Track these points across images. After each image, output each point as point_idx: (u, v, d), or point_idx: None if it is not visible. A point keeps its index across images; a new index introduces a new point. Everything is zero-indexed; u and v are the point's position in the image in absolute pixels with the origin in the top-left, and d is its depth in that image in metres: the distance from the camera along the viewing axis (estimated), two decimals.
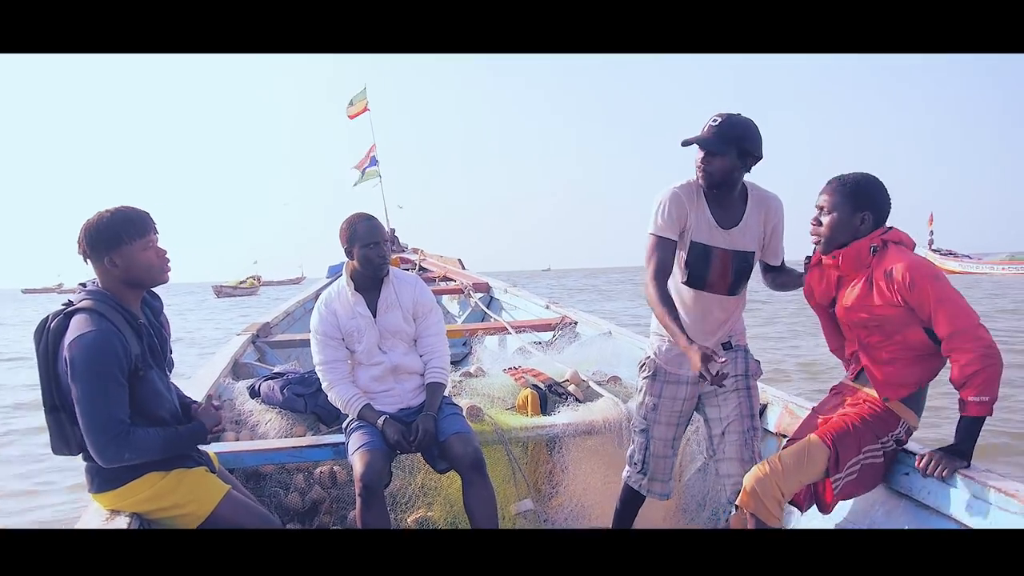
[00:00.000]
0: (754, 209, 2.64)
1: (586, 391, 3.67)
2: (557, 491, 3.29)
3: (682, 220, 2.59)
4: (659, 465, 2.82)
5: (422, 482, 3.22)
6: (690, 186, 2.62)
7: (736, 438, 2.68)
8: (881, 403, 2.44)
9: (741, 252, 2.64)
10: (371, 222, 2.96)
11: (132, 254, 2.22)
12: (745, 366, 2.75)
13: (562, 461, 3.30)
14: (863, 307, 2.38)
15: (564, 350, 4.54)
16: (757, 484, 2.37)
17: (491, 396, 3.64)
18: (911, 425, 2.46)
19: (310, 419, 3.56)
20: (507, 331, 5.47)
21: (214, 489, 2.35)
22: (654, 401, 2.78)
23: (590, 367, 4.02)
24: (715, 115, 2.54)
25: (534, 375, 3.82)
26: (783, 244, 2.75)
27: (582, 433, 3.30)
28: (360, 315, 2.97)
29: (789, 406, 3.16)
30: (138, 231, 2.23)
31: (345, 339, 2.98)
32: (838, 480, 2.36)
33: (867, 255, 2.36)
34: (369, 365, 2.98)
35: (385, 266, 2.97)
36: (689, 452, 3.46)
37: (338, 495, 3.35)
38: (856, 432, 2.40)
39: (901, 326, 2.34)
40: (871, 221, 2.39)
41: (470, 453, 2.75)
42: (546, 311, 6.12)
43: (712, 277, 2.63)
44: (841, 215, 2.39)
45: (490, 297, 7.52)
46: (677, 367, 2.74)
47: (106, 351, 2.10)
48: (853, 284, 2.41)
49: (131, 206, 2.29)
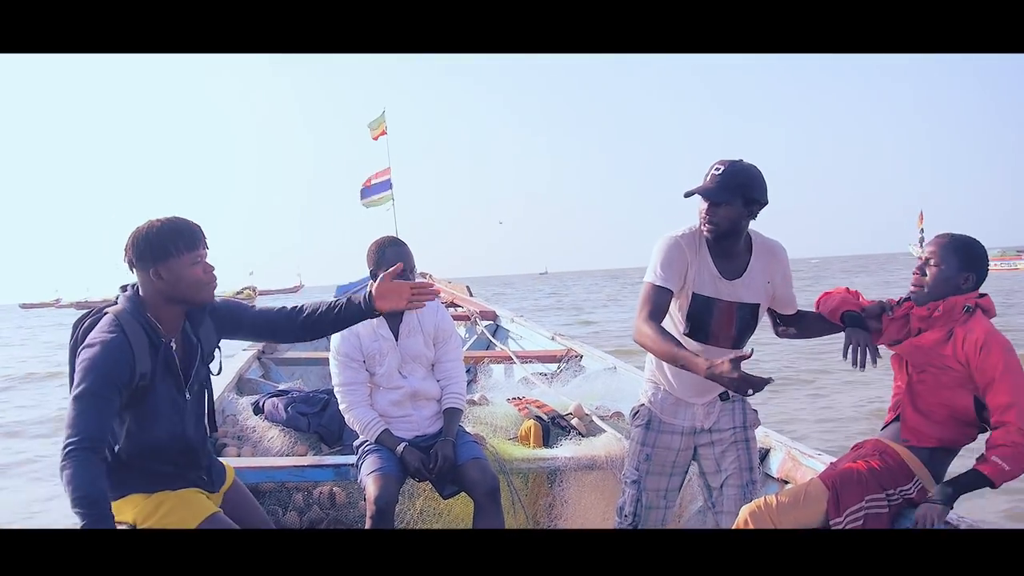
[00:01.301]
0: (759, 259, 2.56)
1: (589, 425, 3.66)
2: (556, 524, 3.28)
3: (683, 271, 2.50)
4: (652, 517, 2.67)
5: (421, 508, 3.21)
6: (692, 235, 2.53)
7: (735, 492, 2.58)
8: (898, 457, 2.39)
9: (747, 304, 2.55)
10: (400, 248, 2.95)
11: (179, 268, 2.15)
12: (743, 417, 2.64)
13: (562, 495, 3.29)
14: (932, 349, 2.37)
15: (568, 383, 4.54)
16: (751, 517, 2.32)
17: (494, 425, 3.63)
18: (925, 487, 2.37)
19: (312, 438, 3.57)
20: (512, 360, 5.47)
21: (195, 511, 2.23)
22: (647, 452, 2.65)
23: (594, 401, 4.01)
24: (716, 163, 2.46)
25: (538, 406, 3.82)
26: (793, 291, 2.67)
27: (583, 467, 3.29)
28: (383, 338, 2.96)
29: (792, 451, 3.14)
30: (188, 244, 2.16)
31: (366, 361, 2.97)
32: (836, 524, 2.28)
33: (960, 313, 2.36)
34: (388, 389, 2.97)
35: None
36: (690, 492, 3.44)
37: (336, 516, 3.34)
38: (861, 479, 2.33)
39: (954, 384, 2.34)
40: (973, 282, 2.41)
41: (488, 480, 2.77)
42: (552, 342, 6.12)
43: (715, 329, 2.54)
44: (948, 271, 2.39)
45: (496, 325, 7.53)
46: (672, 416, 2.64)
47: (104, 366, 2.04)
48: (935, 331, 2.39)
49: (183, 217, 2.21)
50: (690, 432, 2.64)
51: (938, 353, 2.36)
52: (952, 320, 2.37)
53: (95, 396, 2.02)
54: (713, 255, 2.52)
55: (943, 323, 2.39)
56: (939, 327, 2.39)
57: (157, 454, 2.21)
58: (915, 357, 2.42)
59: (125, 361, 2.08)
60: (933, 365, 2.37)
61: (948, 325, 2.38)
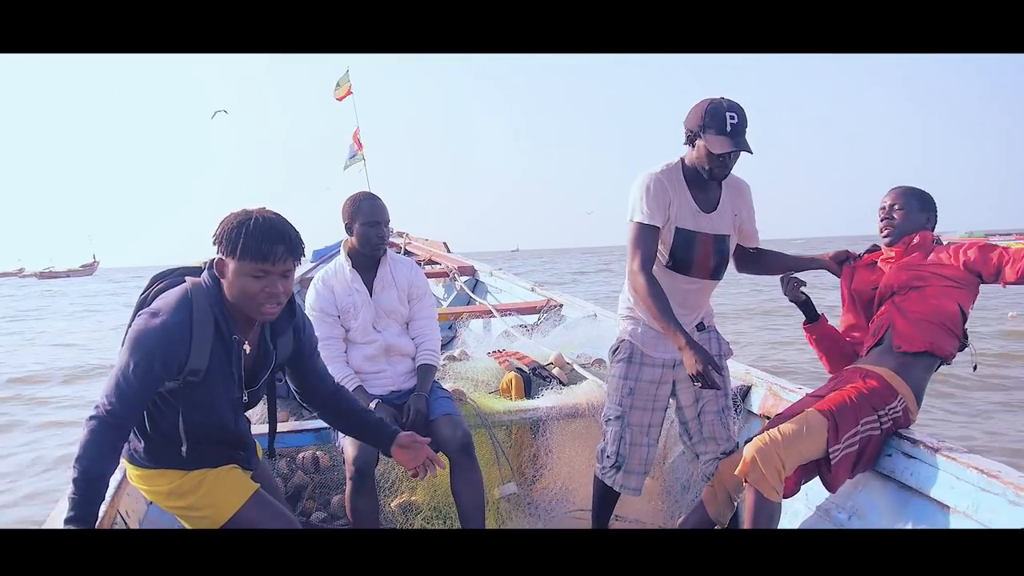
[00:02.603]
0: (728, 193, 2.64)
1: (570, 374, 3.65)
2: (541, 474, 3.28)
3: (666, 206, 2.55)
4: (635, 455, 2.70)
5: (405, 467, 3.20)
6: (671, 171, 2.59)
7: (712, 418, 2.69)
8: (881, 378, 2.48)
9: (722, 236, 2.64)
10: (375, 202, 2.96)
11: (240, 272, 1.95)
12: (719, 347, 2.76)
13: (546, 444, 3.28)
14: (913, 267, 2.59)
15: (549, 333, 4.52)
16: (758, 454, 2.35)
17: (475, 380, 3.62)
18: (908, 406, 2.48)
19: (293, 404, 3.53)
20: (492, 314, 5.44)
21: (238, 491, 2.14)
22: (631, 385, 2.69)
23: (575, 350, 4.00)
24: (729, 112, 2.45)
25: (518, 358, 3.81)
26: (756, 226, 2.77)
27: (566, 416, 3.29)
28: (357, 291, 2.99)
29: (773, 387, 3.15)
30: (259, 253, 1.93)
31: (341, 316, 2.99)
32: (836, 451, 2.35)
33: (931, 243, 2.64)
34: (363, 343, 2.99)
35: (382, 247, 3.00)
36: (674, 434, 3.46)
37: (321, 480, 3.33)
38: (853, 405, 2.42)
39: (940, 293, 2.53)
40: (934, 221, 2.71)
41: (459, 436, 2.74)
42: (531, 294, 6.10)
43: (697, 262, 2.60)
44: (911, 212, 2.68)
45: (475, 280, 7.49)
46: (654, 349, 2.69)
47: (156, 349, 1.90)
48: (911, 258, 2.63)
49: (286, 224, 1.99)
50: (670, 364, 2.70)
51: (918, 266, 2.58)
52: (925, 248, 2.63)
53: (138, 376, 1.89)
54: (692, 190, 2.58)
55: (921, 251, 2.62)
56: (918, 254, 2.62)
57: (202, 439, 2.10)
58: (900, 277, 2.59)
59: (179, 351, 1.94)
60: (920, 278, 2.56)
61: (923, 253, 2.63)
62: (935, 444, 2.38)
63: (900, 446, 2.47)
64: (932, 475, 2.33)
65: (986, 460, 2.24)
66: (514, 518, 3.17)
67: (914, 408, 2.51)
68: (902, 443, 2.47)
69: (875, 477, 2.56)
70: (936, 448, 2.35)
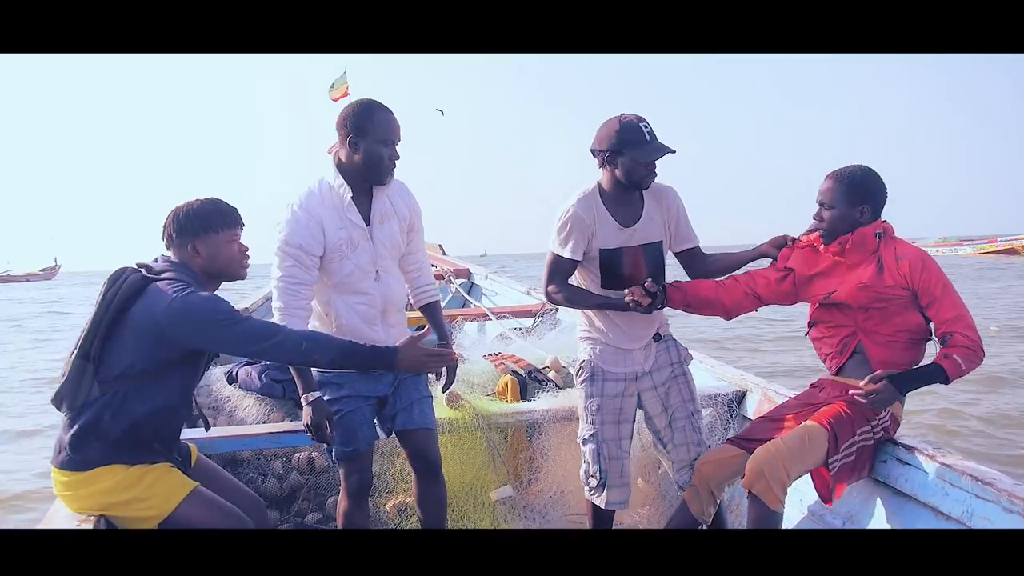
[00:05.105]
0: (651, 202, 2.68)
1: (566, 377, 3.65)
2: (537, 477, 3.28)
3: (586, 239, 2.63)
4: (614, 468, 2.71)
5: (401, 468, 3.20)
6: (587, 199, 2.64)
7: (683, 423, 2.72)
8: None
9: (651, 243, 2.67)
10: (391, 115, 2.36)
11: (217, 244, 2.26)
12: (678, 353, 2.80)
13: (542, 447, 3.29)
14: (871, 287, 2.46)
15: (544, 336, 4.53)
16: (766, 466, 2.35)
17: (471, 382, 3.62)
18: (895, 412, 2.51)
19: (288, 405, 3.53)
20: (487, 317, 5.45)
21: (178, 486, 2.23)
22: (597, 402, 2.73)
23: (570, 353, 4.00)
24: (641, 123, 2.52)
25: (514, 361, 3.81)
26: (692, 228, 2.78)
27: (562, 419, 3.29)
28: (352, 224, 2.39)
29: (768, 393, 3.17)
30: (226, 222, 2.27)
31: (326, 257, 2.37)
32: (835, 461, 2.37)
33: (872, 241, 2.48)
34: (355, 294, 2.43)
35: (392, 175, 2.42)
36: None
37: (316, 482, 3.32)
38: (849, 417, 2.44)
39: (902, 309, 2.46)
40: (870, 212, 2.50)
41: (432, 457, 2.56)
42: (527, 297, 6.10)
43: (627, 274, 2.64)
44: (841, 210, 2.50)
45: (470, 283, 7.49)
46: (614, 365, 2.73)
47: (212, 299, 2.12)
48: (862, 267, 2.49)
49: (222, 199, 2.32)
50: (632, 378, 2.74)
51: (875, 286, 2.46)
52: (867, 248, 2.49)
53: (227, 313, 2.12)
54: (611, 209, 2.64)
55: (859, 252, 2.50)
56: (860, 258, 2.50)
57: (156, 425, 2.21)
58: (859, 298, 2.49)
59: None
60: (880, 299, 2.46)
61: (867, 254, 2.49)
62: (930, 451, 2.40)
63: (895, 452, 2.50)
64: (926, 482, 2.35)
65: (981, 467, 2.26)
66: (510, 521, 3.17)
67: (900, 416, 2.55)
68: (897, 449, 2.49)
69: (869, 483, 2.58)
70: (931, 455, 2.37)
